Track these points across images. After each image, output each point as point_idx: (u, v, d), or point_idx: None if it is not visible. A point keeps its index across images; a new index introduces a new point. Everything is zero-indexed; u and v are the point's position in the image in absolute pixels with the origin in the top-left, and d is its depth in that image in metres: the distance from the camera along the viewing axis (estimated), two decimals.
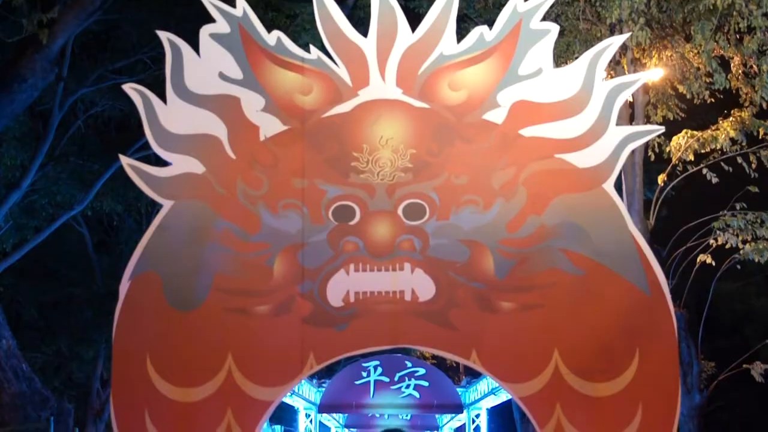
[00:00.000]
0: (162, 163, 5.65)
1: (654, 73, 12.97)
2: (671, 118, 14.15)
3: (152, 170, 5.62)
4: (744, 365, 16.83)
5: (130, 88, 5.75)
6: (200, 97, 5.67)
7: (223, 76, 5.68)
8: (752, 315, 26.81)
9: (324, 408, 11.44)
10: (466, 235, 5.46)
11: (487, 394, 10.62)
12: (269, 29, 5.75)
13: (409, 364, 11.34)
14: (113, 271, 18.98)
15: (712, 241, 15.43)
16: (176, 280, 5.44)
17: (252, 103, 5.65)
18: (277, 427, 12.27)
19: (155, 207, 5.93)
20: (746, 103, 13.79)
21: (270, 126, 5.62)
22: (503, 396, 10.24)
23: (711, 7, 10.60)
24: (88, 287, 19.92)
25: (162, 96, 5.68)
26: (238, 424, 5.30)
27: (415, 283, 5.41)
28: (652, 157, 14.89)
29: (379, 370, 11.15)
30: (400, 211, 5.50)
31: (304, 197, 5.53)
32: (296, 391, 10.12)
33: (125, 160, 5.67)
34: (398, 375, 11.13)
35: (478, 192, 5.51)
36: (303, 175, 5.56)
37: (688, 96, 14.01)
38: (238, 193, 5.56)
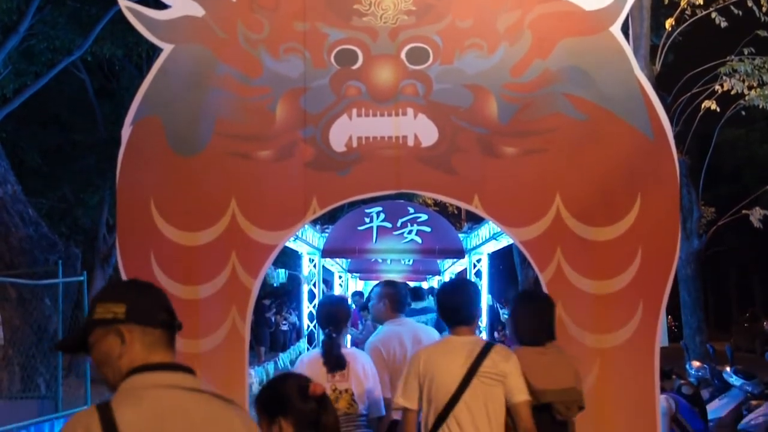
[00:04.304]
0: (161, 5, 5.53)
1: None
2: None
3: (151, 13, 5.50)
4: (743, 211, 17.02)
5: None
6: None
7: None
8: (754, 161, 26.96)
9: (327, 253, 11.56)
10: (470, 80, 5.39)
11: (488, 240, 10.71)
12: None
13: (411, 210, 11.37)
14: (115, 117, 19.00)
15: (717, 87, 15.36)
16: (178, 124, 5.41)
17: None
18: (281, 271, 12.47)
19: (155, 51, 5.83)
20: None
21: None
22: (504, 241, 10.33)
23: None
24: (91, 133, 19.95)
25: None
26: (243, 267, 5.37)
27: (418, 128, 5.38)
28: (667, 0, 14.61)
29: (382, 216, 11.18)
30: (403, 55, 5.42)
31: (306, 41, 5.44)
32: (300, 236, 10.20)
33: (123, 3, 5.53)
34: (400, 221, 11.17)
35: (482, 36, 5.41)
36: (304, 18, 5.45)
37: None
38: (238, 37, 5.46)
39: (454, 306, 4.71)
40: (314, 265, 12.26)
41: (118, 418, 2.31)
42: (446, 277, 15.82)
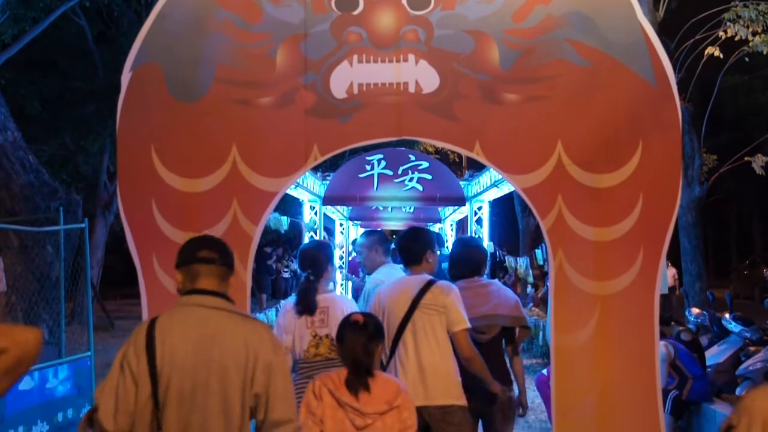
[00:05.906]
0: None
1: None
2: None
3: None
4: (745, 158, 16.98)
5: None
6: None
7: None
8: (757, 108, 26.83)
9: (328, 200, 11.52)
10: (472, 26, 5.34)
11: (489, 187, 10.68)
12: None
13: (412, 158, 11.31)
14: (115, 63, 18.87)
15: (721, 34, 15.23)
16: (178, 70, 5.37)
17: None
18: (283, 219, 12.45)
19: None
20: None
21: None
22: (505, 188, 10.31)
23: None
24: (90, 80, 19.82)
25: None
26: (244, 214, 5.38)
27: (419, 75, 5.34)
28: None
29: (383, 163, 11.12)
30: (404, 1, 5.36)
31: None
32: (301, 183, 10.19)
33: None
34: (402, 168, 11.11)
35: None
36: None
37: None
38: None
39: (405, 248, 5.54)
40: (315, 213, 12.25)
41: (157, 323, 3.43)
42: (447, 225, 15.85)
